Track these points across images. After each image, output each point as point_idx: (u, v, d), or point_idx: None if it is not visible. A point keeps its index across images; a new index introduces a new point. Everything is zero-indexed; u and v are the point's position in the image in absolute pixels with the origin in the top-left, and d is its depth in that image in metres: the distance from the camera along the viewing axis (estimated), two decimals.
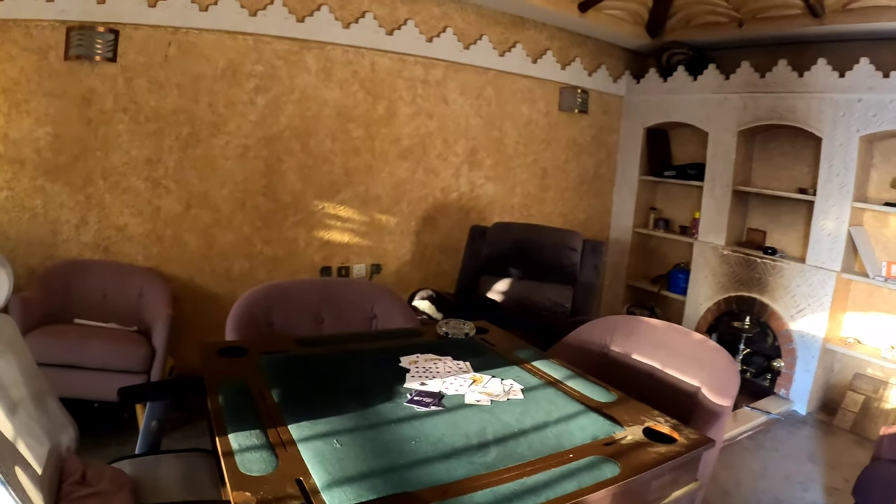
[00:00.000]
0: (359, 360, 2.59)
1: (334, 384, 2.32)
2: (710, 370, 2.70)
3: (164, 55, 4.55)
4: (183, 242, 4.73)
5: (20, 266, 4.33)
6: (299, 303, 3.35)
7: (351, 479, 1.66)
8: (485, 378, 2.38)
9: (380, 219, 5.28)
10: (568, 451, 1.87)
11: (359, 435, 1.91)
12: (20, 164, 4.37)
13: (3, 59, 4.19)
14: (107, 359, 3.88)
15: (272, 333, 3.15)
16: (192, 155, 4.69)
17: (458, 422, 2.04)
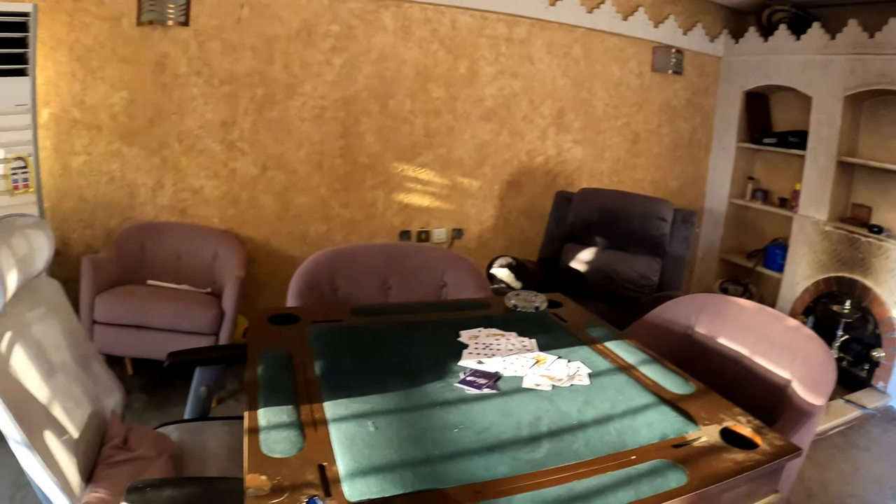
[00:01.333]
0: (414, 333, 2.14)
1: (382, 358, 1.91)
2: (804, 362, 2.15)
3: (237, 17, 4.00)
4: (259, 205, 4.19)
5: (99, 228, 3.97)
6: (366, 269, 2.90)
7: (377, 469, 1.32)
8: (549, 359, 1.94)
9: (462, 182, 4.41)
10: (630, 451, 1.46)
11: (397, 418, 1.55)
12: (97, 130, 3.93)
13: (77, 27, 3.77)
14: (176, 320, 3.50)
15: (335, 300, 2.73)
16: (268, 117, 4.15)
17: (511, 408, 1.64)
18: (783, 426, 1.85)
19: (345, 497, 1.24)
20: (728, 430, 1.60)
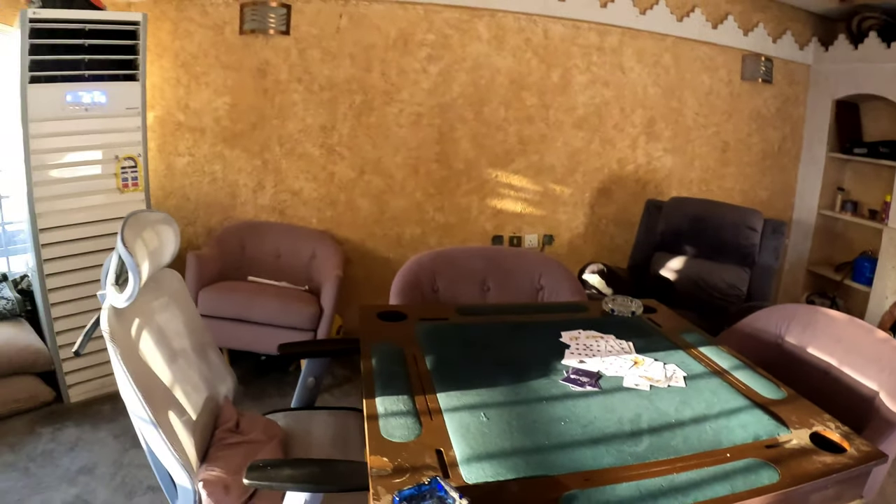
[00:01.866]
0: (518, 333, 2.14)
1: (489, 355, 1.93)
2: (892, 374, 2.05)
3: (336, 27, 3.94)
4: (356, 207, 4.11)
5: (200, 226, 3.93)
6: (465, 270, 2.89)
7: (492, 456, 1.36)
8: (646, 361, 1.92)
9: (553, 189, 4.17)
10: (725, 449, 1.46)
11: (507, 410, 1.57)
12: (200, 132, 3.91)
13: (181, 35, 3.77)
14: (276, 315, 3.45)
15: (436, 300, 2.75)
16: (366, 122, 4.06)
17: (612, 405, 1.63)
18: (869, 436, 1.79)
19: (463, 479, 1.27)
20: (818, 434, 1.58)
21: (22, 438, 3.35)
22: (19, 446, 3.28)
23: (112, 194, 3.53)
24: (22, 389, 3.52)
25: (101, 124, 3.44)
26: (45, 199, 3.37)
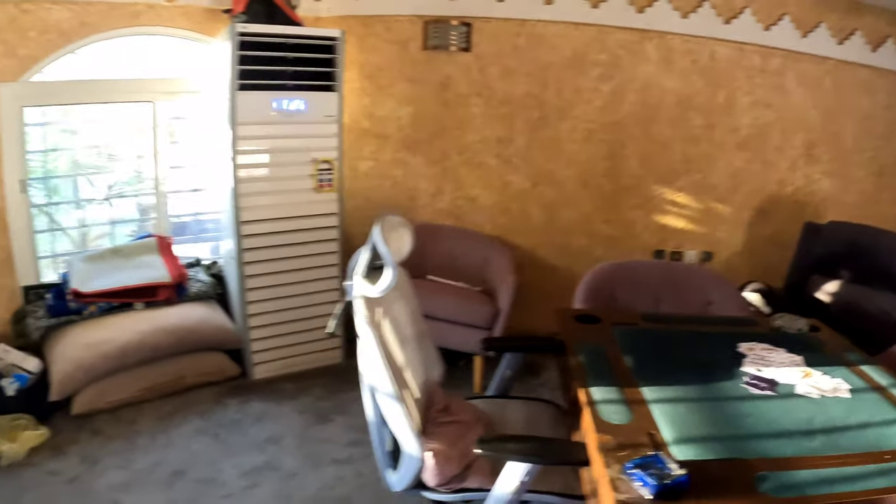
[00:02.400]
0: (699, 341, 2.29)
1: (677, 358, 2.10)
2: None
3: (514, 45, 3.98)
4: (528, 216, 4.16)
5: None
6: (642, 282, 2.99)
7: (694, 440, 1.58)
8: (815, 373, 2.03)
9: (714, 207, 4.08)
10: (886, 451, 1.60)
11: (699, 405, 1.78)
12: (384, 139, 4.03)
13: (368, 49, 3.91)
14: (456, 312, 3.49)
15: (616, 307, 2.82)
16: (540, 137, 4.09)
17: (789, 408, 1.80)
18: None
19: (674, 456, 1.47)
20: None
21: (211, 408, 3.50)
22: (209, 414, 3.44)
23: (308, 194, 3.60)
24: (211, 364, 3.64)
25: (300, 130, 3.53)
26: (248, 195, 3.51)
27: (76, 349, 3.48)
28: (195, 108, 4.13)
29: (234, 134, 3.50)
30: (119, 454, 3.15)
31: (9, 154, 3.69)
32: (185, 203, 4.32)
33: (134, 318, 3.67)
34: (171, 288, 3.75)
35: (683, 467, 1.38)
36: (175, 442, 3.24)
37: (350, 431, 3.09)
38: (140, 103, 3.98)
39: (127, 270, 3.76)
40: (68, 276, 3.76)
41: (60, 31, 3.65)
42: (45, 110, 3.92)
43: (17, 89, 3.65)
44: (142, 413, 3.51)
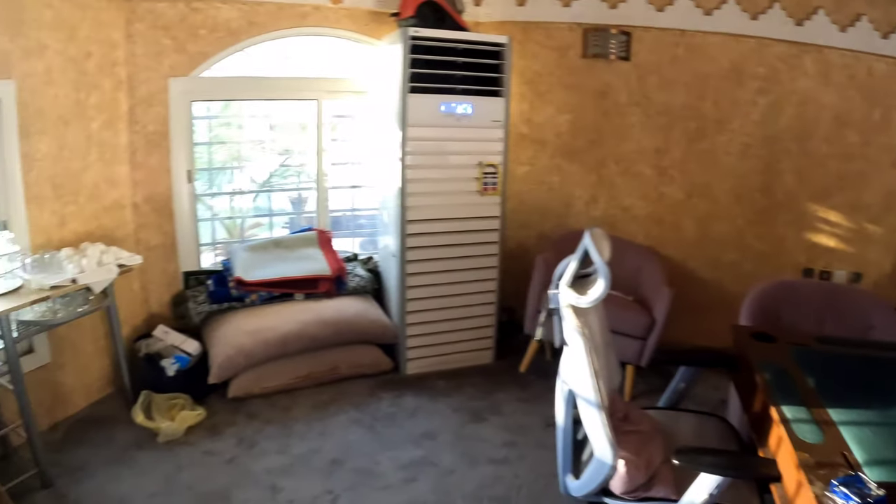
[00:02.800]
0: (877, 365, 2.24)
1: (860, 381, 2.10)
2: None
3: (673, 55, 3.97)
4: (680, 228, 4.14)
5: (533, 229, 4.10)
6: (804, 302, 2.93)
7: (886, 462, 1.57)
8: None
9: (866, 227, 4.07)
10: None
11: (888, 428, 1.76)
12: (541, 145, 4.06)
13: (527, 55, 3.93)
14: (614, 322, 3.35)
15: (781, 326, 2.78)
16: (697, 148, 4.05)
17: None
18: None
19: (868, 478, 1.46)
20: None
21: (365, 400, 3.57)
22: (363, 406, 3.51)
23: (472, 196, 3.63)
24: (366, 357, 3.72)
25: (467, 133, 3.57)
26: (415, 195, 3.57)
27: (238, 335, 3.57)
28: (359, 108, 4.19)
29: (404, 135, 3.55)
30: (276, 439, 3.24)
31: (177, 145, 3.81)
32: (341, 198, 4.38)
33: (294, 309, 3.76)
34: (330, 281, 3.83)
35: (881, 488, 1.41)
36: (331, 431, 3.31)
37: (505, 432, 3.13)
38: (305, 101, 4.05)
39: (289, 262, 3.85)
40: (230, 265, 3.86)
41: (229, 29, 3.75)
42: (209, 105, 4.01)
43: (187, 84, 3.77)
44: (296, 400, 3.59)
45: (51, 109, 3.28)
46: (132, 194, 3.82)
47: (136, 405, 3.38)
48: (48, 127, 3.28)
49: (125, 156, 3.76)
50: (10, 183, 3.20)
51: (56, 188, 3.37)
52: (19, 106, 3.12)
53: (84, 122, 3.47)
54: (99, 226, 3.63)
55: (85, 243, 3.41)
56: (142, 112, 3.75)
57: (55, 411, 3.35)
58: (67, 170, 3.42)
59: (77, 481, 2.89)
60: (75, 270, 3.09)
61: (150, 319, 3.94)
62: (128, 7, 3.57)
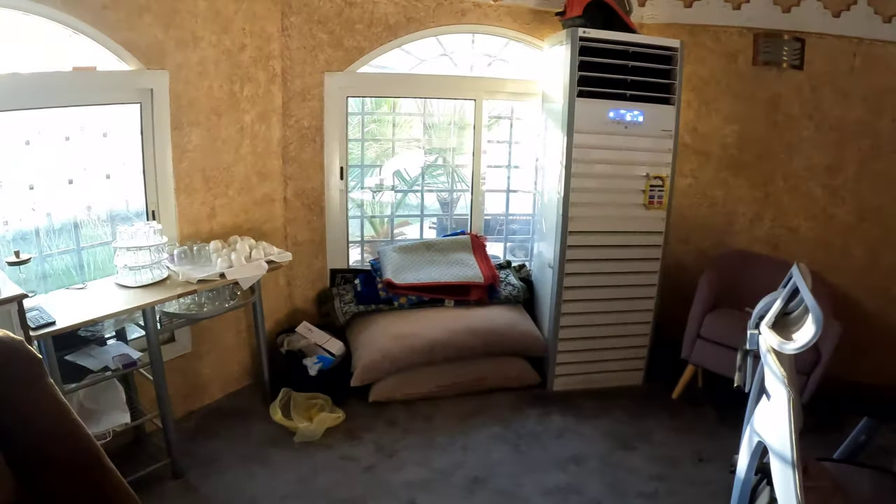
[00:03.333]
0: None
1: None
2: None
3: (850, 66, 3.66)
4: (849, 254, 3.84)
5: (692, 245, 3.89)
6: None
7: None
8: None
9: None
10: None
11: None
12: (706, 157, 3.82)
13: (694, 60, 3.68)
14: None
15: None
16: (871, 168, 3.75)
17: None
18: None
19: None
20: None
21: (510, 415, 3.42)
22: (508, 422, 3.35)
23: (636, 209, 3.48)
24: (513, 369, 3.61)
25: (635, 142, 3.40)
26: (578, 205, 3.42)
27: (384, 339, 3.46)
28: (519, 109, 4.03)
29: (570, 141, 3.38)
30: (416, 449, 3.13)
31: (331, 141, 3.69)
32: (493, 202, 4.24)
33: (444, 316, 3.63)
34: (483, 289, 3.69)
35: None
36: (474, 446, 3.18)
37: (654, 464, 2.96)
38: (463, 100, 3.90)
39: (440, 266, 3.71)
40: (379, 265, 3.74)
41: (387, 25, 3.62)
42: (362, 100, 3.90)
43: (343, 79, 3.65)
44: (438, 410, 3.48)
45: (204, 101, 3.22)
46: (283, 188, 3.72)
47: (276, 402, 3.31)
48: (201, 118, 3.22)
49: (277, 149, 3.66)
50: (161, 173, 3.15)
51: (207, 180, 3.30)
52: (172, 96, 3.07)
53: (237, 115, 3.39)
54: (248, 219, 3.55)
55: (234, 236, 3.34)
56: (296, 106, 3.64)
57: (191, 400, 3.33)
58: (219, 162, 3.34)
59: (208, 474, 2.84)
60: (224, 265, 3.02)
61: (293, 315, 3.86)
62: (283, 0, 3.45)
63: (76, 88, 2.90)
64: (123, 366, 2.73)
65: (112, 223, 3.23)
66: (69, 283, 3.03)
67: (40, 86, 2.76)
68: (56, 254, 3.06)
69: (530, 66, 3.89)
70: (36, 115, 2.86)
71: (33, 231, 2.97)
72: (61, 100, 2.89)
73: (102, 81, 2.99)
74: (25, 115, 2.83)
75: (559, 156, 3.43)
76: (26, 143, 2.82)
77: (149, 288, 2.91)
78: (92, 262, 3.27)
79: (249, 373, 3.72)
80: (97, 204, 3.14)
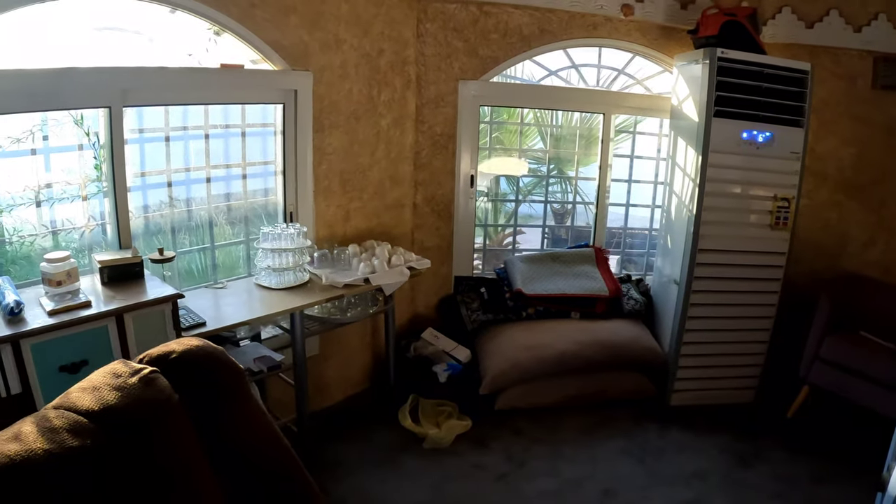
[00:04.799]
0: None
1: None
2: None
3: None
4: None
5: (804, 266, 3.85)
6: None
7: None
8: None
9: None
10: None
11: None
12: (822, 178, 3.84)
13: (814, 81, 3.52)
14: (893, 377, 3.15)
15: None
16: None
17: None
18: None
19: None
20: None
21: (631, 428, 3.44)
22: (631, 435, 3.38)
23: (763, 230, 3.53)
24: (632, 382, 3.64)
25: (765, 164, 3.45)
26: (710, 223, 3.41)
27: (515, 349, 3.47)
28: (648, 125, 4.04)
29: (705, 160, 3.40)
30: (545, 459, 3.14)
31: (463, 148, 3.68)
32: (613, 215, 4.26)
33: (570, 327, 3.65)
34: (607, 301, 3.70)
35: None
36: (601, 457, 3.20)
37: (773, 482, 2.96)
38: (592, 113, 3.89)
39: (567, 278, 3.72)
40: (504, 274, 3.74)
41: (521, 35, 3.61)
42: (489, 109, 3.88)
43: (477, 88, 3.63)
44: (562, 421, 3.49)
45: (344, 104, 3.20)
46: (413, 194, 3.70)
47: (405, 407, 3.30)
48: (340, 121, 3.19)
49: (410, 155, 3.64)
50: (301, 174, 3.13)
51: (344, 183, 3.27)
52: (315, 98, 3.05)
53: (374, 119, 3.36)
54: (379, 223, 3.53)
55: (370, 241, 3.33)
56: (429, 112, 3.61)
57: (313, 401, 3.28)
58: (356, 165, 3.32)
59: (338, 478, 2.83)
60: (367, 270, 3.00)
61: (415, 320, 3.85)
62: (419, 6, 3.44)
63: (223, 86, 2.85)
64: (268, 368, 2.70)
65: (246, 224, 3.19)
66: (202, 282, 3.01)
67: (188, 81, 2.71)
68: (194, 251, 3.06)
69: (656, 81, 3.89)
70: (177, 111, 2.84)
71: (168, 227, 2.96)
72: (206, 96, 2.85)
73: (249, 80, 2.94)
74: (165, 112, 2.80)
75: (691, 173, 3.44)
76: (166, 139, 2.81)
77: (292, 291, 2.86)
78: (221, 262, 3.23)
79: (369, 376, 3.70)
80: (232, 203, 3.14)
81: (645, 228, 4.15)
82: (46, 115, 2.54)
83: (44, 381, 2.00)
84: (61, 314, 2.07)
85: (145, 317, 2.23)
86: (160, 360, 1.22)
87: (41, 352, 1.98)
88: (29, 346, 1.95)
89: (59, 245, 2.68)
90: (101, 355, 2.10)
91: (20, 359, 1.93)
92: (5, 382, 1.92)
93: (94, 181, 2.76)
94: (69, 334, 2.04)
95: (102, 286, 2.41)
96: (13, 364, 1.93)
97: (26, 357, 1.95)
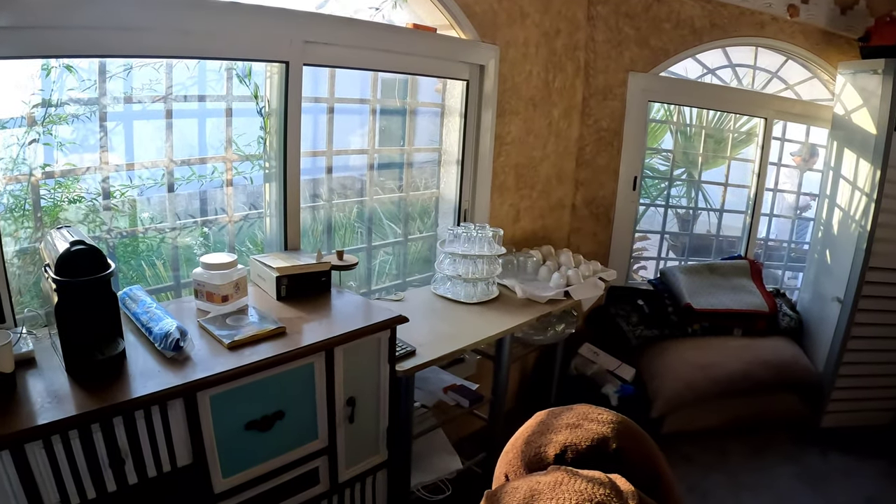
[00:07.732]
0: None
1: None
2: None
3: None
4: None
5: None
6: None
7: None
8: None
9: None
10: None
11: None
12: None
13: None
14: None
15: None
16: None
17: None
18: None
19: None
20: None
21: (795, 451, 3.21)
22: (796, 459, 3.14)
23: None
24: (786, 403, 3.40)
25: None
26: (883, 241, 3.18)
27: (687, 368, 3.14)
28: (808, 133, 3.75)
29: (884, 175, 3.16)
30: (725, 488, 2.86)
31: (628, 147, 3.28)
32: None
33: (734, 345, 3.33)
34: (766, 318, 3.39)
35: None
36: (777, 485, 2.93)
37: None
38: (753, 118, 3.58)
39: (727, 292, 3.39)
40: (662, 286, 3.37)
41: (693, 28, 3.26)
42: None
43: (646, 81, 3.25)
44: (726, 445, 3.19)
45: (524, 87, 2.77)
46: (573, 194, 3.26)
47: None
48: (520, 107, 2.76)
49: (574, 150, 3.20)
50: (480, 166, 2.65)
51: (518, 178, 2.84)
52: (500, 78, 2.60)
53: (548, 108, 2.94)
54: (543, 226, 3.09)
55: (547, 247, 2.88)
56: (596, 104, 3.19)
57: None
58: (529, 159, 2.89)
59: None
60: (560, 281, 2.56)
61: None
62: None
63: (411, 50, 2.31)
64: (470, 402, 2.21)
65: (405, 223, 2.64)
66: (358, 291, 2.45)
67: (375, 40, 2.17)
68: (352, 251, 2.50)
69: (804, 87, 3.63)
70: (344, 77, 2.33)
71: (323, 222, 2.42)
72: (389, 62, 2.30)
73: (439, 47, 2.42)
74: (331, 76, 2.28)
75: (864, 187, 3.19)
76: (329, 111, 2.29)
77: (485, 305, 2.37)
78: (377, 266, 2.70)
79: (514, 394, 3.23)
80: (391, 196, 2.62)
81: (784, 240, 3.87)
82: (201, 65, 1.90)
83: (223, 445, 1.42)
84: (245, 347, 1.48)
85: (357, 348, 1.67)
86: (594, 452, 0.69)
87: (221, 404, 1.38)
88: (208, 399, 1.36)
89: (206, 243, 2.07)
90: (300, 403, 1.57)
91: (194, 417, 1.34)
92: (170, 452, 1.31)
93: (256, 158, 2.15)
94: (261, 378, 1.45)
95: (279, 301, 1.82)
96: (184, 425, 1.32)
97: (203, 414, 1.35)
